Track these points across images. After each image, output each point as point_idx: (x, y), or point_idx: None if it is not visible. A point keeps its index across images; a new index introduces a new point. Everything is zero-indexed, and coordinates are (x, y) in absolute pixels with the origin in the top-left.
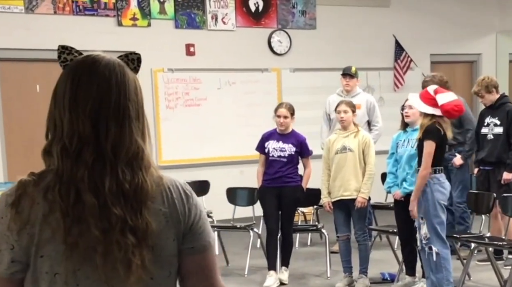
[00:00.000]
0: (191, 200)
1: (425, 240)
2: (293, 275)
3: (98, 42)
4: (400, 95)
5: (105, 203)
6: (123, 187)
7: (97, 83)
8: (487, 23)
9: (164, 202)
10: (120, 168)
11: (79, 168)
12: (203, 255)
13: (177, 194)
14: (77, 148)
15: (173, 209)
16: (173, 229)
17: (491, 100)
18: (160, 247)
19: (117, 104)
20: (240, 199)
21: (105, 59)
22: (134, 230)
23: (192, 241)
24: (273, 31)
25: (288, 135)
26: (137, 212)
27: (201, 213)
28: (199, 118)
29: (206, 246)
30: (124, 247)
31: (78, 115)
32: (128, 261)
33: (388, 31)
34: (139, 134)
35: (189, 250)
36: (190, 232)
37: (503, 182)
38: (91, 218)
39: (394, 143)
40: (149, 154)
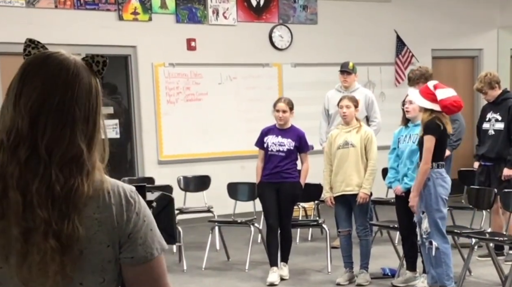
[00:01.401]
0: (132, 208)
1: (426, 235)
2: (293, 270)
3: (99, 37)
4: (401, 90)
5: (31, 203)
6: (53, 189)
7: (43, 81)
8: (489, 19)
9: (99, 206)
10: (54, 170)
11: (12, 163)
12: (144, 266)
13: (117, 199)
14: (14, 143)
15: (108, 214)
16: (107, 235)
17: (494, 96)
18: (91, 252)
19: (60, 105)
20: (241, 194)
21: (62, 57)
22: (58, 234)
23: (131, 250)
24: (274, 26)
25: (288, 130)
26: (65, 217)
27: (144, 223)
28: (200, 113)
29: (147, 257)
30: (43, 251)
31: (20, 110)
32: (45, 266)
33: (389, 26)
34: (84, 139)
35: (128, 260)
36: (128, 241)
37: (504, 178)
38: (13, 216)
39: (395, 138)
40: (95, 159)
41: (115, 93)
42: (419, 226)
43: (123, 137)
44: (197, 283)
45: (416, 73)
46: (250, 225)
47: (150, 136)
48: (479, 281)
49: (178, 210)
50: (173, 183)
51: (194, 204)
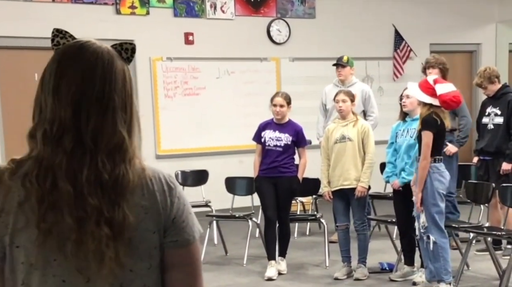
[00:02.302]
0: (174, 192)
1: (423, 229)
2: (291, 264)
3: (96, 31)
4: (399, 85)
5: (82, 191)
6: (101, 177)
7: (82, 70)
8: (487, 13)
9: (144, 194)
10: (100, 158)
11: (58, 154)
12: (186, 248)
13: (159, 186)
14: (58, 134)
15: (153, 201)
16: (153, 222)
17: (493, 90)
18: (139, 239)
19: (100, 93)
20: (239, 189)
21: (94, 46)
22: (110, 222)
23: (175, 234)
24: (272, 20)
25: (285, 125)
26: (114, 204)
27: (184, 206)
28: (198, 107)
29: (189, 240)
30: (98, 239)
31: (60, 101)
32: (101, 253)
33: (387, 20)
34: (124, 126)
35: (172, 243)
36: (172, 225)
37: (502, 172)
38: (66, 206)
39: (393, 133)
40: (135, 146)
41: None
42: (418, 220)
43: None
44: None
45: (436, 58)
46: (248, 219)
47: (148, 130)
48: (477, 276)
49: None
50: None
51: (192, 198)
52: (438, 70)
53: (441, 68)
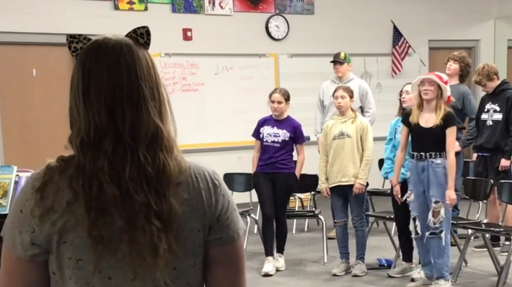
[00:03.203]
0: (219, 190)
1: (438, 224)
2: (289, 261)
3: (94, 26)
4: (398, 81)
5: (128, 191)
6: (145, 171)
7: (107, 70)
8: (486, 9)
9: (189, 191)
10: (141, 152)
11: (99, 158)
12: (231, 245)
13: (204, 183)
14: (96, 139)
15: (199, 199)
16: (199, 220)
17: (492, 87)
18: (184, 237)
19: (129, 87)
20: (238, 185)
21: (111, 42)
22: (159, 214)
23: (220, 231)
24: (270, 16)
25: (283, 121)
26: (161, 195)
27: (229, 203)
28: (196, 103)
29: (234, 237)
30: (150, 233)
31: (92, 106)
32: (155, 246)
33: (386, 17)
34: (156, 114)
35: (217, 241)
36: (217, 223)
37: (501, 169)
38: (114, 209)
39: (392, 129)
40: (170, 133)
41: None
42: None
43: None
44: None
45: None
46: (246, 215)
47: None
48: (475, 272)
49: None
50: None
51: None
52: (459, 66)
53: (461, 65)
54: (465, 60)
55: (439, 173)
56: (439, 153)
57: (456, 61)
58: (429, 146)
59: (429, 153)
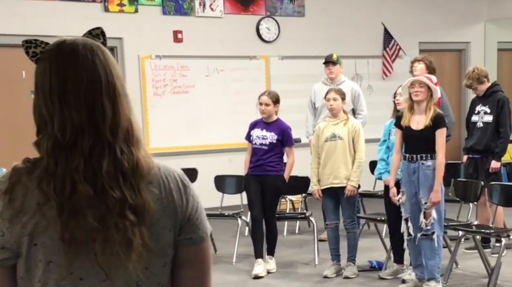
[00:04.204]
0: (189, 191)
1: (429, 226)
2: (281, 263)
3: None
4: (388, 83)
5: (103, 188)
6: (122, 166)
7: (84, 69)
8: (476, 12)
9: (161, 191)
10: (119, 147)
11: (73, 158)
12: (200, 246)
13: (175, 184)
14: (71, 139)
15: (170, 199)
16: (170, 219)
17: (483, 90)
18: (156, 237)
19: (106, 84)
20: (228, 187)
21: (80, 42)
22: (134, 208)
23: (190, 232)
24: (261, 18)
25: (272, 123)
26: (135, 189)
27: (198, 204)
28: (187, 105)
29: (203, 237)
30: (123, 228)
31: (70, 106)
32: (128, 241)
33: (377, 19)
34: (129, 110)
35: (187, 241)
36: (188, 223)
37: (491, 171)
38: (87, 209)
39: (386, 130)
40: (139, 129)
41: None
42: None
43: None
44: None
45: (424, 55)
46: (237, 217)
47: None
48: (466, 274)
49: None
50: None
51: None
52: (424, 65)
53: (427, 64)
54: (428, 58)
55: (429, 175)
56: (429, 154)
57: (420, 61)
58: (420, 147)
59: (419, 154)
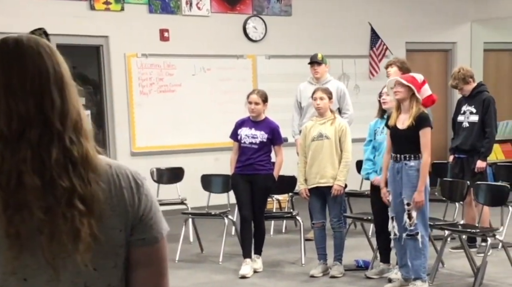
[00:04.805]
0: (142, 189)
1: (413, 226)
2: (267, 262)
3: (70, 26)
4: (375, 83)
5: (51, 177)
6: (71, 155)
7: (30, 61)
8: (462, 12)
9: (110, 190)
10: (68, 137)
11: (20, 150)
12: (154, 247)
13: (126, 182)
14: (18, 131)
15: (120, 198)
16: (120, 219)
17: (469, 90)
18: (105, 238)
19: (54, 73)
20: (215, 186)
21: (24, 36)
22: (83, 197)
23: (143, 232)
24: (248, 17)
25: (261, 122)
26: (84, 178)
27: (152, 203)
28: (173, 104)
29: (157, 238)
30: (71, 218)
31: (17, 98)
32: (76, 231)
33: (363, 19)
34: (77, 102)
35: (139, 241)
36: (140, 223)
37: (477, 170)
38: (34, 200)
39: (371, 130)
40: (87, 121)
41: (86, 84)
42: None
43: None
44: (171, 275)
45: (395, 57)
46: (224, 217)
47: (123, 127)
48: (452, 273)
49: None
50: (146, 174)
51: (167, 196)
52: (397, 68)
53: (398, 66)
54: (400, 60)
55: (412, 175)
56: (413, 155)
57: (392, 64)
58: (403, 147)
59: (403, 154)
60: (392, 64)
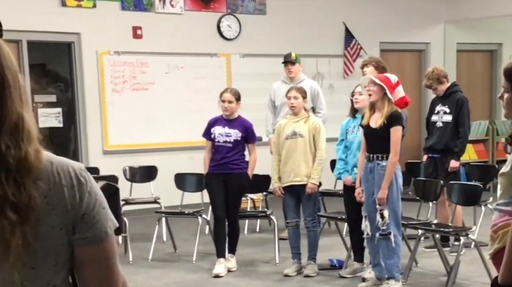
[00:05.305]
0: (84, 187)
1: (385, 226)
2: (241, 261)
3: (41, 23)
4: (349, 82)
5: None
6: (6, 161)
7: None
8: (436, 13)
9: (50, 188)
10: (3, 142)
11: None
12: (98, 245)
13: (68, 180)
14: None
15: (60, 196)
16: (60, 218)
17: (443, 90)
18: (44, 235)
19: None
20: (189, 185)
21: None
22: (16, 205)
23: (86, 231)
24: (222, 16)
25: (234, 121)
26: (20, 186)
27: (96, 201)
28: (146, 102)
29: (102, 237)
30: (1, 229)
31: None
32: (6, 241)
33: (338, 18)
34: (19, 103)
35: (82, 240)
36: (82, 221)
37: (450, 170)
38: None
39: (343, 130)
40: (31, 123)
41: (57, 81)
42: (371, 219)
43: (66, 126)
44: (144, 274)
45: (370, 57)
46: (198, 216)
47: (95, 125)
48: (425, 272)
49: (124, 201)
50: (119, 173)
51: (140, 195)
52: (372, 67)
53: (374, 65)
54: (375, 60)
55: (383, 175)
56: (386, 154)
57: (368, 64)
58: (376, 146)
59: (376, 154)
60: (368, 63)
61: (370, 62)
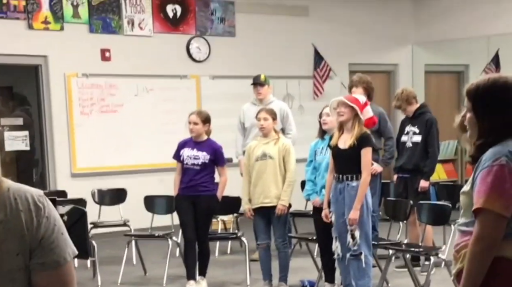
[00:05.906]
0: (42, 212)
1: (356, 246)
2: (212, 283)
3: (7, 46)
4: (319, 103)
5: None
6: None
7: None
8: (403, 35)
9: (6, 213)
10: None
11: None
12: (55, 271)
13: (25, 205)
14: None
15: (17, 222)
16: (17, 243)
17: (412, 111)
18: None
19: None
20: (159, 207)
21: None
22: None
23: (43, 256)
24: (191, 38)
25: (203, 143)
26: None
27: (55, 227)
28: (115, 125)
29: (59, 262)
30: None
31: None
32: None
33: (307, 40)
34: None
35: (39, 265)
36: (40, 246)
37: (420, 190)
38: None
39: (312, 151)
40: None
41: (24, 104)
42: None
43: (33, 149)
44: None
45: (360, 77)
46: (168, 238)
47: (63, 148)
48: None
49: (93, 224)
50: (87, 196)
51: (109, 217)
52: (362, 89)
53: (365, 87)
54: (364, 80)
55: (353, 196)
56: (355, 175)
57: (357, 85)
58: (345, 167)
59: (345, 174)
60: (357, 85)
61: (361, 83)
